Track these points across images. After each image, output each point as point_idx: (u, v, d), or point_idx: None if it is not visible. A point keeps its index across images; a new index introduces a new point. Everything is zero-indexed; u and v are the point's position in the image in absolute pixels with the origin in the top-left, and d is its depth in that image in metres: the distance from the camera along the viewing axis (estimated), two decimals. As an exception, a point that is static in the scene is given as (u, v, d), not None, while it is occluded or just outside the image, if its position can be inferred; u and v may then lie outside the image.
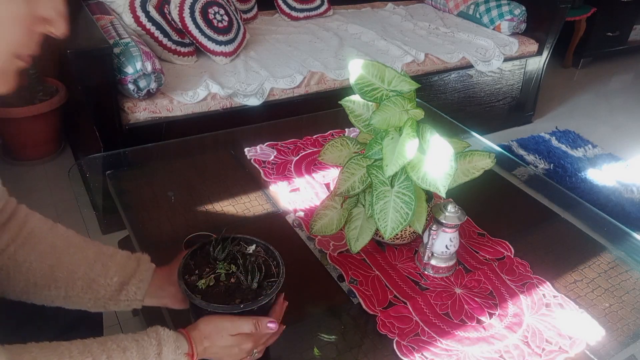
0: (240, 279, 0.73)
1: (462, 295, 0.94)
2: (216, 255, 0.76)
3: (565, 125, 3.00)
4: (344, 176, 0.93)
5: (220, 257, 0.76)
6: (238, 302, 0.70)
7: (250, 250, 0.79)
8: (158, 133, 1.82)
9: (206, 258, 0.77)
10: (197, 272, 0.75)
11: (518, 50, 2.69)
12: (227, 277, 0.74)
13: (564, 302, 0.94)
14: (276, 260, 0.77)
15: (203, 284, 0.72)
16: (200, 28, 2.11)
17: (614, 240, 1.14)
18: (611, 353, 0.85)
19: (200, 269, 0.75)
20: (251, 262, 0.76)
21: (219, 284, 0.73)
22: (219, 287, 0.73)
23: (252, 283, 0.72)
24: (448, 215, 0.92)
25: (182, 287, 0.71)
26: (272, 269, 0.76)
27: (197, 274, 0.74)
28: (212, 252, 0.76)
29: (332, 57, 2.29)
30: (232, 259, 0.76)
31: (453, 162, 0.81)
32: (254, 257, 0.77)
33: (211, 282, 0.73)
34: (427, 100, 2.26)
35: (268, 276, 0.74)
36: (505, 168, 1.37)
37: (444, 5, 3.10)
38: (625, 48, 4.04)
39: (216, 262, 0.76)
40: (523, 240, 1.09)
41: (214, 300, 0.70)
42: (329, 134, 1.42)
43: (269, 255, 0.78)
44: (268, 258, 0.78)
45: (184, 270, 0.74)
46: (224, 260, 0.76)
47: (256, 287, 0.72)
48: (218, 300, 0.70)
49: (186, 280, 0.72)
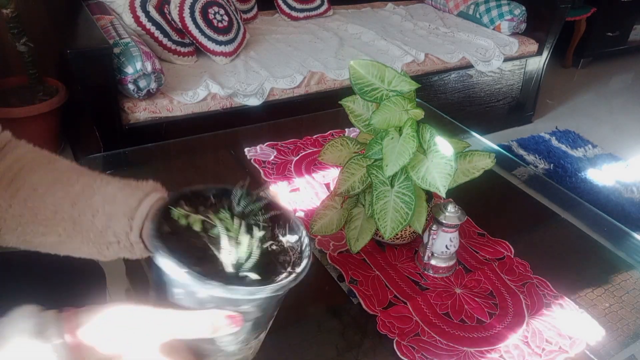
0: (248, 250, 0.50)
1: (462, 295, 0.94)
2: (235, 208, 0.54)
3: (565, 125, 3.00)
4: (344, 176, 0.93)
5: (238, 210, 0.54)
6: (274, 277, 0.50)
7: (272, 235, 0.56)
8: (158, 133, 1.82)
9: (205, 208, 0.55)
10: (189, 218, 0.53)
11: (518, 50, 2.69)
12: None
13: (564, 302, 0.94)
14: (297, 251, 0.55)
15: (198, 224, 0.52)
16: (200, 28, 2.11)
17: (614, 240, 1.14)
18: (611, 353, 0.85)
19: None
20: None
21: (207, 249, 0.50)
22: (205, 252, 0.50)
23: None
24: (448, 215, 0.92)
25: (151, 234, 0.49)
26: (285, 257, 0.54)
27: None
28: (234, 202, 0.55)
29: (332, 57, 2.29)
30: (247, 227, 0.53)
31: (453, 162, 0.81)
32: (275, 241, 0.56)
33: (212, 232, 0.51)
34: (427, 100, 2.26)
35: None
36: (505, 168, 1.37)
37: (444, 5, 3.10)
38: (625, 48, 4.04)
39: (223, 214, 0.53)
40: (523, 240, 1.09)
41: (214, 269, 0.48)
42: (329, 134, 1.42)
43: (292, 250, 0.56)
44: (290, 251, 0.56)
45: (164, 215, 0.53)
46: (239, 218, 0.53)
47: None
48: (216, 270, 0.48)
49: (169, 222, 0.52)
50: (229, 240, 0.50)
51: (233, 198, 0.55)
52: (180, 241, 0.50)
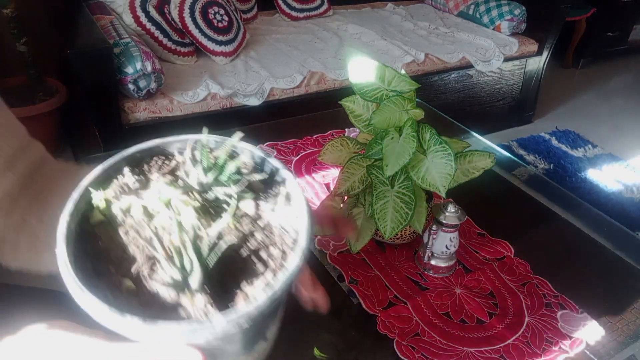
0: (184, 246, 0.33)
1: (462, 295, 0.94)
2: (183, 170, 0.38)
3: (565, 125, 3.00)
4: (344, 176, 0.93)
5: (202, 178, 0.37)
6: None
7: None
8: (158, 133, 1.82)
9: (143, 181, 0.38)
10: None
11: (518, 50, 2.69)
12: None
13: (564, 302, 0.94)
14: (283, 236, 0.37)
15: (137, 209, 0.36)
16: (200, 28, 2.11)
17: (614, 240, 1.13)
18: (611, 353, 0.85)
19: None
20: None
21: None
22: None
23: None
24: (448, 215, 0.92)
25: (58, 235, 0.34)
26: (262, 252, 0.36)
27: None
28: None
29: (332, 57, 2.29)
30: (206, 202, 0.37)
31: (453, 162, 0.81)
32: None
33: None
34: (427, 100, 2.25)
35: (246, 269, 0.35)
36: (505, 168, 1.37)
37: (444, 5, 3.10)
38: (625, 48, 4.04)
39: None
40: (523, 240, 1.09)
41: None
42: (329, 134, 1.42)
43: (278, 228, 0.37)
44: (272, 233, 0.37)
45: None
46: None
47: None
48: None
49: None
50: (174, 236, 0.33)
51: (188, 158, 0.39)
52: (111, 238, 0.35)
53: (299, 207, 0.37)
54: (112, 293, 0.32)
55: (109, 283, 0.33)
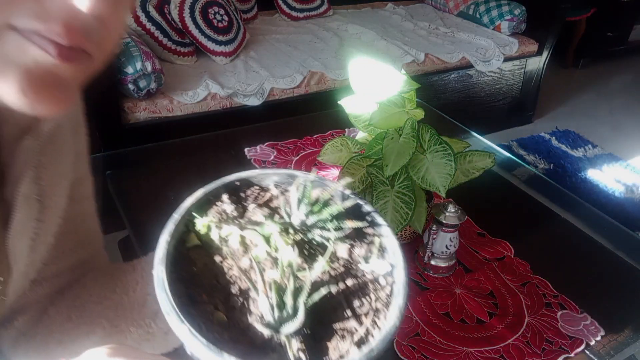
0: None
1: (462, 295, 0.94)
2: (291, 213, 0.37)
3: (565, 125, 3.00)
4: (344, 176, 0.93)
5: (298, 217, 0.36)
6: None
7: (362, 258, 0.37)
8: (158, 133, 1.82)
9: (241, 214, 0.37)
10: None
11: (518, 50, 2.69)
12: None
13: (564, 302, 0.94)
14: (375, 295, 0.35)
15: (235, 238, 0.35)
16: (200, 28, 2.11)
17: (614, 240, 1.13)
18: (611, 353, 0.85)
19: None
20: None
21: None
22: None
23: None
24: (448, 215, 0.92)
25: (157, 259, 0.33)
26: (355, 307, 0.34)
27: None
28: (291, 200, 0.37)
29: (332, 57, 2.29)
30: (307, 245, 0.36)
31: (453, 162, 0.81)
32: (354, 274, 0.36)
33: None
34: (427, 100, 2.25)
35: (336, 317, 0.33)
36: (505, 168, 1.37)
37: (444, 5, 3.10)
38: (625, 48, 4.04)
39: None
40: (523, 240, 1.09)
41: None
42: (329, 134, 1.42)
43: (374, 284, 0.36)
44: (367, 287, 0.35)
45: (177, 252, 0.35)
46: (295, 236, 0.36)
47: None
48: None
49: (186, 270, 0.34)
50: (274, 273, 0.33)
51: (291, 196, 0.37)
52: (206, 264, 0.34)
53: (396, 260, 0.36)
54: (205, 323, 0.31)
55: (202, 312, 0.32)
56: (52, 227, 0.48)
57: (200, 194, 0.37)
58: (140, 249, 0.96)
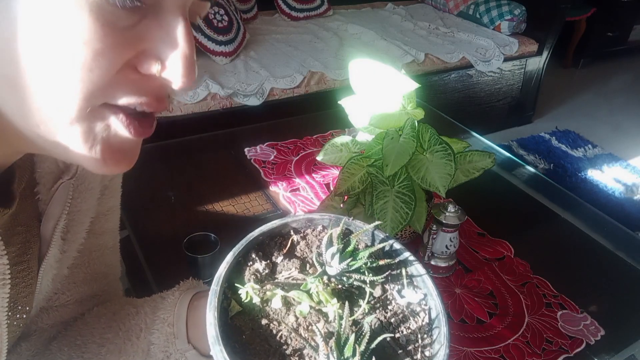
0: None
1: (462, 295, 0.94)
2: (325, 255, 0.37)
3: (565, 125, 3.00)
4: (344, 176, 0.93)
5: (334, 268, 0.36)
6: None
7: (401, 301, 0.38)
8: (158, 133, 1.82)
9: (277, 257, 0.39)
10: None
11: (518, 50, 2.69)
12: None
13: (564, 302, 0.94)
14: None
15: (277, 299, 0.36)
16: (200, 28, 2.11)
17: (614, 240, 1.13)
18: (611, 353, 0.85)
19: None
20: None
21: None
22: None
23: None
24: (448, 215, 0.92)
25: (210, 334, 0.33)
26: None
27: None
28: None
29: (332, 57, 2.29)
30: (347, 294, 0.37)
31: (453, 162, 0.81)
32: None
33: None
34: (427, 100, 2.26)
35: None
36: (505, 168, 1.37)
37: (444, 5, 3.10)
38: (625, 48, 4.04)
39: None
40: (523, 240, 1.09)
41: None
42: (329, 134, 1.42)
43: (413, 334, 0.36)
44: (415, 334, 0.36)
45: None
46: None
47: None
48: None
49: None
50: (327, 326, 0.34)
51: (324, 248, 0.37)
52: (253, 329, 0.34)
53: (428, 288, 0.38)
54: None
55: None
56: (69, 260, 0.51)
57: (230, 257, 0.37)
58: (140, 249, 0.96)
